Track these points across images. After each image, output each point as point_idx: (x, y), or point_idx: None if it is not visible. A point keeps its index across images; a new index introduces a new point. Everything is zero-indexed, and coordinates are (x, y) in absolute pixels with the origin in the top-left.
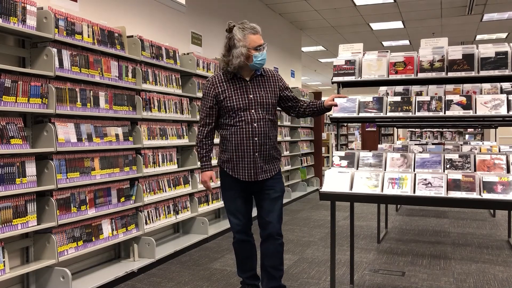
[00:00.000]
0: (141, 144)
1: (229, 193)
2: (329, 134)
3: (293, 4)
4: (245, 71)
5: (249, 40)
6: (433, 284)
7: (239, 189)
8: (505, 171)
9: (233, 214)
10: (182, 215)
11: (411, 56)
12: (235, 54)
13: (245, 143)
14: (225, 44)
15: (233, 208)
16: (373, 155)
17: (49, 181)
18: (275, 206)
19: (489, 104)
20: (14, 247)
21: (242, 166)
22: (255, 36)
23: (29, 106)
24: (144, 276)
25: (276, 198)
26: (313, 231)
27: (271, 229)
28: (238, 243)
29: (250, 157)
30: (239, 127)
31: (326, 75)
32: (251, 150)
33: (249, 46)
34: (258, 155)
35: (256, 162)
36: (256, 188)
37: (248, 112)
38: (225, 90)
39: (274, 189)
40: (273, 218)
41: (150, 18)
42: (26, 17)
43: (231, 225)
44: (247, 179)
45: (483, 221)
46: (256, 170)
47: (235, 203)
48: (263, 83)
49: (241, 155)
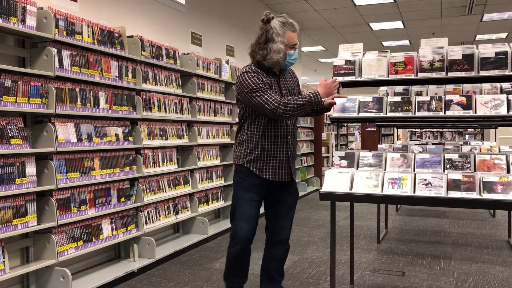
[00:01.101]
0: (141, 144)
1: (247, 195)
2: (329, 134)
3: (293, 4)
4: (277, 67)
5: (288, 37)
6: (433, 284)
7: (260, 191)
8: (505, 171)
9: (245, 219)
10: (182, 215)
11: (411, 56)
12: (274, 48)
13: (279, 141)
14: (259, 35)
15: (248, 213)
16: (373, 155)
17: (49, 181)
18: (290, 212)
19: (489, 104)
20: (14, 247)
21: (273, 166)
22: (293, 34)
23: (29, 106)
24: (144, 276)
25: (294, 204)
26: (313, 231)
27: (284, 235)
28: (240, 250)
29: (283, 156)
30: (274, 124)
31: (326, 75)
32: (284, 149)
33: (287, 43)
34: (290, 154)
35: (288, 161)
36: (277, 191)
37: None
38: (266, 81)
39: (292, 195)
40: (288, 224)
41: (150, 18)
42: (26, 17)
43: (239, 231)
44: (279, 179)
45: (483, 221)
46: (288, 170)
47: (251, 207)
48: (288, 78)
49: (273, 154)
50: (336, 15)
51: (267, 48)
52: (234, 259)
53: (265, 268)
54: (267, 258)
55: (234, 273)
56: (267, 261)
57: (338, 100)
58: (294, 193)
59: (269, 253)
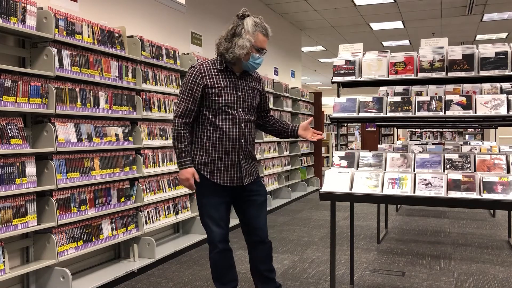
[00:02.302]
0: (141, 144)
1: (212, 200)
2: (329, 134)
3: (293, 4)
4: (236, 66)
5: (257, 38)
6: (433, 284)
7: (222, 195)
8: (505, 171)
9: (215, 223)
10: (182, 215)
11: (411, 56)
12: (239, 43)
13: (230, 144)
14: (229, 29)
15: (216, 216)
16: (373, 155)
17: (49, 181)
18: (262, 211)
19: (489, 104)
20: (14, 247)
21: (225, 170)
22: (263, 38)
23: (29, 106)
24: (144, 276)
25: (262, 202)
26: (313, 231)
27: (260, 235)
28: (220, 254)
29: (234, 159)
30: (225, 126)
31: (326, 75)
32: (236, 153)
33: (253, 44)
34: (243, 158)
35: (241, 165)
36: (239, 194)
37: (236, 110)
38: (216, 82)
39: (259, 194)
40: (262, 223)
41: (150, 18)
42: (26, 17)
43: (212, 235)
44: (230, 183)
45: (483, 221)
46: (241, 174)
47: (218, 211)
48: (250, 82)
49: (225, 157)
50: (336, 15)
51: (233, 41)
52: (215, 264)
53: (255, 270)
54: (253, 260)
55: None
56: (254, 263)
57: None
58: (261, 190)
59: (253, 255)
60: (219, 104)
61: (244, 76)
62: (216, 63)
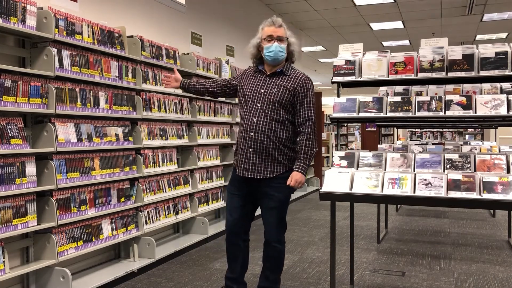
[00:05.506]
0: (141, 144)
1: (229, 188)
2: (329, 134)
3: (293, 4)
4: (267, 65)
5: (263, 32)
6: (433, 284)
7: (238, 186)
8: (505, 171)
9: (228, 212)
10: (182, 215)
11: (411, 56)
12: (250, 44)
13: (242, 136)
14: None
15: (230, 205)
16: (373, 155)
17: (49, 181)
18: (271, 215)
19: (489, 104)
20: (14, 247)
21: (237, 159)
22: (269, 28)
23: (29, 106)
24: (144, 276)
25: (272, 208)
26: (313, 231)
27: (267, 236)
28: (227, 241)
29: (243, 150)
30: (242, 118)
31: (326, 75)
32: (246, 144)
33: (262, 37)
34: (253, 151)
35: (249, 157)
36: (256, 190)
37: (253, 105)
38: (245, 79)
39: (272, 199)
40: (270, 226)
41: (150, 18)
42: (26, 17)
43: (226, 222)
44: (239, 173)
45: (483, 221)
46: (248, 166)
47: (231, 200)
48: (280, 80)
49: (239, 148)
50: (336, 15)
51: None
52: (227, 249)
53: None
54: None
55: (228, 266)
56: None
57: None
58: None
59: (263, 251)
60: (239, 98)
61: (275, 75)
62: (255, 65)
